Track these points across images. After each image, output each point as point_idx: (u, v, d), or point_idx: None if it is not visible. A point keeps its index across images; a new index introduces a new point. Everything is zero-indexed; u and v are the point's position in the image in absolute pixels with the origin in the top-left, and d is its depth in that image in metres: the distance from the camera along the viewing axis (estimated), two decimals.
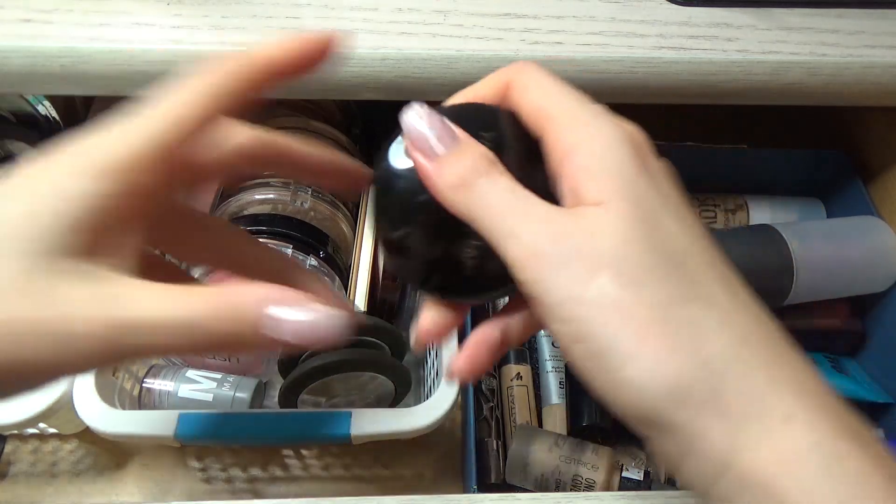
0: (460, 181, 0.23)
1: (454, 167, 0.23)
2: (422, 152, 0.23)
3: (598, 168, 0.22)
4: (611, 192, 0.22)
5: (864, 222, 0.58)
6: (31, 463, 0.55)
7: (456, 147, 0.23)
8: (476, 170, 0.23)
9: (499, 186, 0.23)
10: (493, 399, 0.56)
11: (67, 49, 0.40)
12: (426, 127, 0.23)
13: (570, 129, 0.23)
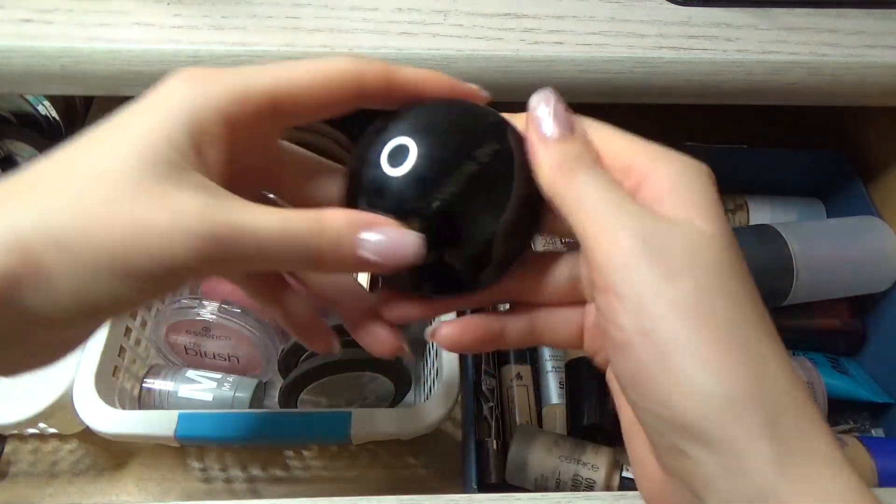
0: (564, 164, 0.24)
1: (563, 149, 0.24)
2: (538, 131, 0.25)
3: (686, 189, 0.23)
4: (701, 211, 0.23)
5: (864, 222, 0.58)
6: (31, 463, 0.55)
7: (570, 134, 0.25)
8: (582, 157, 0.24)
9: (599, 177, 0.24)
10: (493, 399, 0.56)
11: (67, 49, 0.40)
12: (551, 108, 0.25)
13: (645, 157, 0.24)
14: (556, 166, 0.24)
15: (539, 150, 0.25)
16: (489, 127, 0.26)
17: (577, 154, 0.24)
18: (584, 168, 0.24)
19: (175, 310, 0.51)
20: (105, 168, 0.21)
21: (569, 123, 0.25)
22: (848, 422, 0.58)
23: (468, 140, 0.25)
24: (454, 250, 0.25)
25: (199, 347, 0.53)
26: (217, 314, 0.50)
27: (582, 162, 0.24)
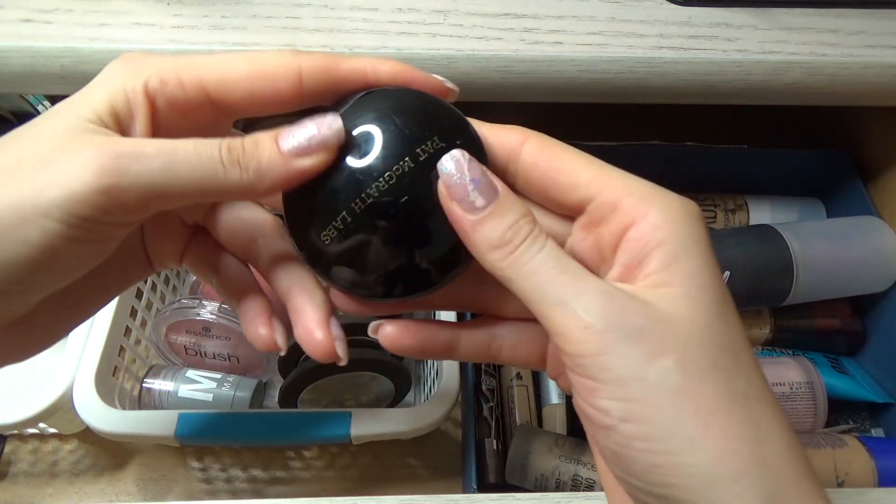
0: (502, 241, 0.22)
1: (496, 224, 0.22)
2: (459, 203, 0.22)
3: (675, 248, 0.21)
4: (683, 275, 0.21)
5: (864, 222, 0.58)
6: (31, 463, 0.55)
7: (497, 202, 0.22)
8: (520, 230, 0.22)
9: (546, 250, 0.22)
10: (493, 399, 0.56)
11: (67, 49, 0.40)
12: (466, 176, 0.22)
13: (635, 199, 0.22)
14: (494, 246, 0.22)
15: (468, 230, 0.22)
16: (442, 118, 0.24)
17: (513, 225, 0.22)
18: (527, 242, 0.22)
19: (175, 310, 0.51)
20: (38, 135, 0.22)
21: (492, 188, 0.22)
22: (848, 422, 0.58)
23: (418, 130, 0.23)
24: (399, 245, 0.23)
25: (199, 347, 0.53)
26: (217, 314, 0.50)
27: (523, 233, 0.22)
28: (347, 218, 0.23)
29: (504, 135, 0.24)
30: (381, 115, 0.23)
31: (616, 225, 0.22)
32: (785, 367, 0.53)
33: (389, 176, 0.23)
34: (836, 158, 0.64)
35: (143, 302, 0.52)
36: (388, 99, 0.24)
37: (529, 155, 0.24)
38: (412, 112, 0.24)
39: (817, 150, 0.65)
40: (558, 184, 0.24)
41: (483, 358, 0.28)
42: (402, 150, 0.23)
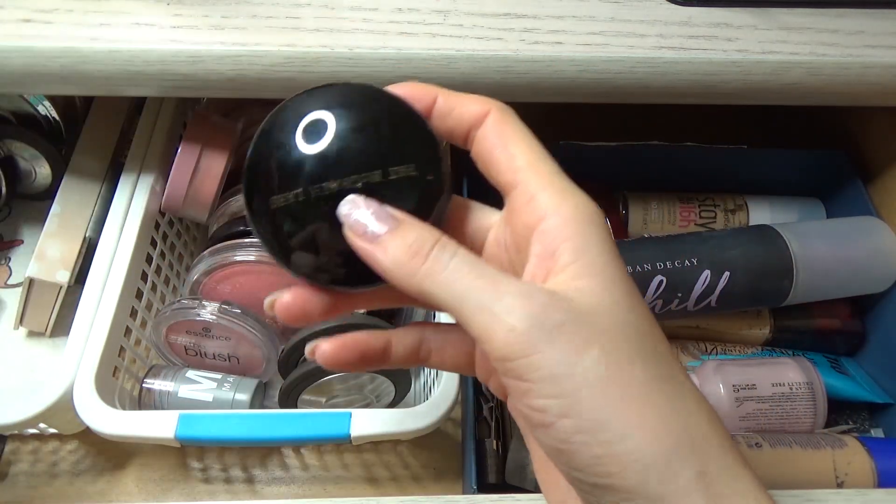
0: (410, 253, 0.22)
1: (399, 242, 0.23)
2: (363, 238, 0.23)
3: (582, 242, 0.22)
4: (594, 268, 0.22)
5: (864, 222, 0.58)
6: (31, 463, 0.55)
7: (396, 225, 0.23)
8: (424, 242, 0.23)
9: (458, 257, 0.22)
10: (493, 399, 0.56)
11: (67, 49, 0.40)
12: (362, 212, 0.23)
13: (550, 193, 0.23)
14: (399, 262, 0.22)
15: (377, 254, 0.23)
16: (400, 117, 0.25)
17: (417, 239, 0.23)
18: (436, 251, 0.22)
19: (175, 310, 0.51)
20: None
21: (390, 217, 0.23)
22: (848, 422, 0.58)
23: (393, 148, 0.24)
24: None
25: (199, 348, 0.53)
26: (217, 314, 0.50)
27: (429, 244, 0.23)
28: (301, 197, 0.24)
29: (469, 106, 0.26)
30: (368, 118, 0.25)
31: (530, 216, 0.23)
32: (785, 368, 0.53)
33: (356, 180, 0.24)
34: (836, 158, 0.64)
35: (143, 302, 0.52)
36: (377, 103, 0.25)
37: (485, 128, 0.25)
38: (398, 126, 0.25)
39: (817, 150, 0.64)
40: (496, 162, 0.25)
41: (414, 362, 0.28)
42: (377, 163, 0.24)
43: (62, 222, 0.57)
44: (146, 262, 0.53)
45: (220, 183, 0.53)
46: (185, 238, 0.62)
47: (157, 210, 0.55)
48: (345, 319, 0.50)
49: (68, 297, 0.57)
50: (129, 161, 0.55)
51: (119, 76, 0.42)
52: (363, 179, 0.24)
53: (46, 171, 0.62)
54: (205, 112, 0.55)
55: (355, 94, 0.25)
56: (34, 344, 0.59)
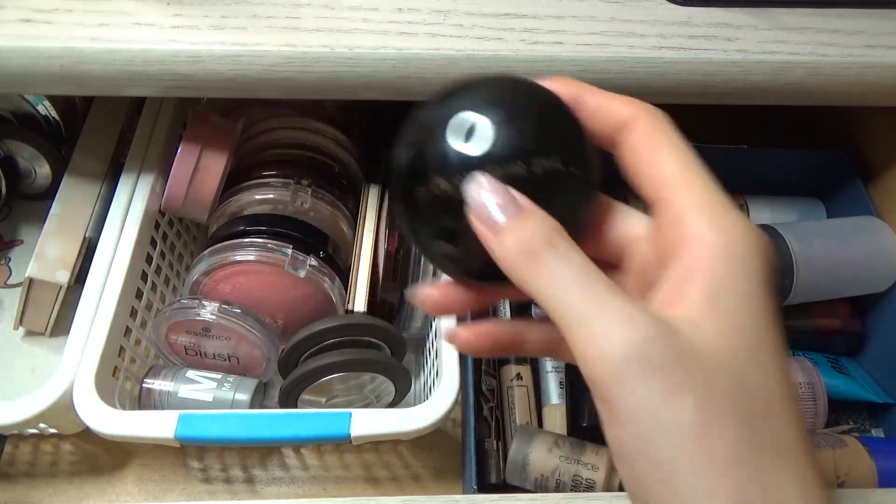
0: (522, 250, 0.21)
1: (516, 235, 0.22)
2: (483, 221, 0.22)
3: (721, 280, 0.20)
4: (722, 311, 0.20)
5: (864, 222, 0.58)
6: (30, 463, 0.54)
7: (519, 215, 0.22)
8: (541, 238, 0.21)
9: (569, 263, 0.21)
10: (493, 399, 0.56)
11: (67, 49, 0.40)
12: (488, 194, 0.22)
13: (699, 215, 0.21)
14: (511, 253, 0.22)
15: (493, 243, 0.22)
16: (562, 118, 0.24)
17: (533, 234, 0.21)
18: (546, 249, 0.21)
19: (175, 310, 0.51)
20: None
21: (513, 203, 0.22)
22: (848, 422, 0.58)
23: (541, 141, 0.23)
24: None
25: (199, 348, 0.53)
26: (217, 314, 0.50)
27: (542, 241, 0.21)
28: (441, 188, 0.23)
29: (617, 108, 0.24)
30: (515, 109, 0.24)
31: (674, 237, 0.21)
32: None
33: (498, 170, 0.23)
34: (836, 158, 0.64)
35: (143, 302, 0.52)
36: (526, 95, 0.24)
37: (633, 134, 0.23)
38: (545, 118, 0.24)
39: (817, 150, 0.64)
40: (642, 173, 0.23)
41: (547, 353, 0.27)
42: (519, 153, 0.23)
43: (62, 222, 0.57)
44: (146, 262, 0.53)
45: (220, 183, 0.53)
46: (185, 238, 0.62)
47: (157, 210, 0.55)
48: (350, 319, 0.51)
49: (68, 297, 0.57)
50: (129, 161, 0.55)
51: (119, 76, 0.42)
52: (504, 170, 0.23)
53: (46, 171, 0.62)
54: (205, 112, 0.55)
55: (506, 86, 0.25)
56: (34, 344, 0.59)
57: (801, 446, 0.20)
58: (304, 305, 0.54)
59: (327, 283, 0.52)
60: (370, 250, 0.53)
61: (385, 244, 0.52)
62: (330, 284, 0.52)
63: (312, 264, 0.51)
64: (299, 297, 0.53)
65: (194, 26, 0.42)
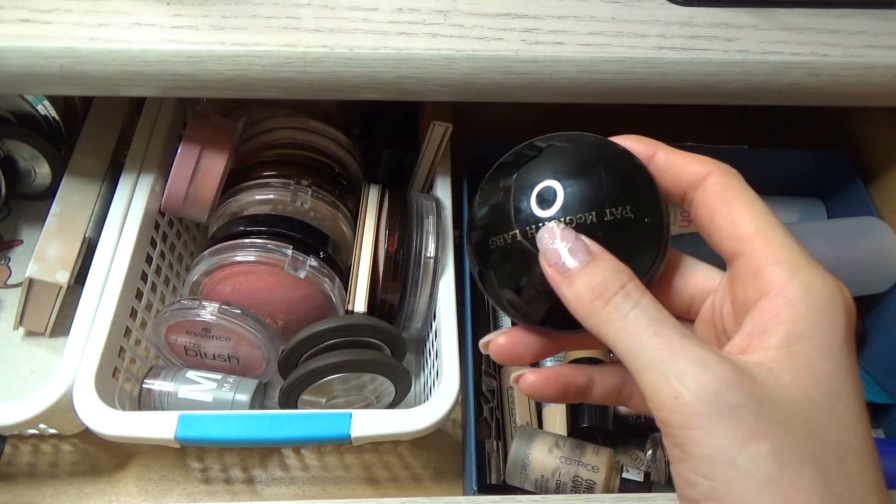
0: (593, 293, 0.22)
1: (586, 280, 0.22)
2: (553, 266, 0.23)
3: (801, 330, 0.20)
4: (800, 362, 0.20)
5: (864, 222, 0.58)
6: (30, 463, 0.54)
7: (589, 260, 0.22)
8: (612, 282, 0.22)
9: (641, 307, 0.21)
10: (493, 400, 0.56)
11: (67, 49, 0.40)
12: (559, 241, 0.23)
13: (781, 269, 0.21)
14: (582, 299, 0.22)
15: (563, 287, 0.23)
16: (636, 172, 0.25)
17: (604, 279, 0.22)
18: (619, 296, 0.22)
19: (175, 310, 0.51)
20: None
21: (584, 249, 0.23)
22: None
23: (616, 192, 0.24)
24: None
25: (199, 348, 0.53)
26: (217, 315, 0.50)
27: (613, 288, 0.22)
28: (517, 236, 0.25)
29: (689, 166, 0.24)
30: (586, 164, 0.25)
31: (753, 290, 0.22)
32: None
33: (570, 220, 0.24)
34: (836, 158, 0.64)
35: (143, 303, 0.52)
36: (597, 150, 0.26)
37: (706, 192, 0.24)
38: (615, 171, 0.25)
39: (817, 150, 0.64)
40: (717, 229, 0.23)
41: (615, 402, 0.27)
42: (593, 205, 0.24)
43: (62, 222, 0.57)
44: (146, 263, 0.53)
45: (220, 183, 0.53)
46: (185, 238, 0.62)
47: (157, 210, 0.55)
48: (350, 319, 0.50)
49: (68, 298, 0.57)
50: (129, 161, 0.55)
51: (119, 76, 0.42)
52: (577, 220, 0.24)
53: (46, 171, 0.62)
54: (205, 112, 0.55)
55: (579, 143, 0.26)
56: (34, 344, 0.59)
57: (876, 499, 0.20)
58: (304, 306, 0.54)
59: (327, 283, 0.52)
60: (370, 250, 0.52)
61: (385, 244, 0.52)
62: (330, 285, 0.52)
63: (312, 265, 0.51)
64: (299, 298, 0.53)
65: (194, 26, 0.42)
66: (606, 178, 0.24)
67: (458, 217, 0.56)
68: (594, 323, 0.22)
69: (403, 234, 0.52)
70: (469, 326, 0.53)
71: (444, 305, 0.50)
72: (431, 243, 0.52)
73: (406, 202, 0.54)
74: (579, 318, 0.23)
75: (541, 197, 0.24)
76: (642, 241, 0.24)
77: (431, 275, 0.52)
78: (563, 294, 0.23)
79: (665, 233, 0.25)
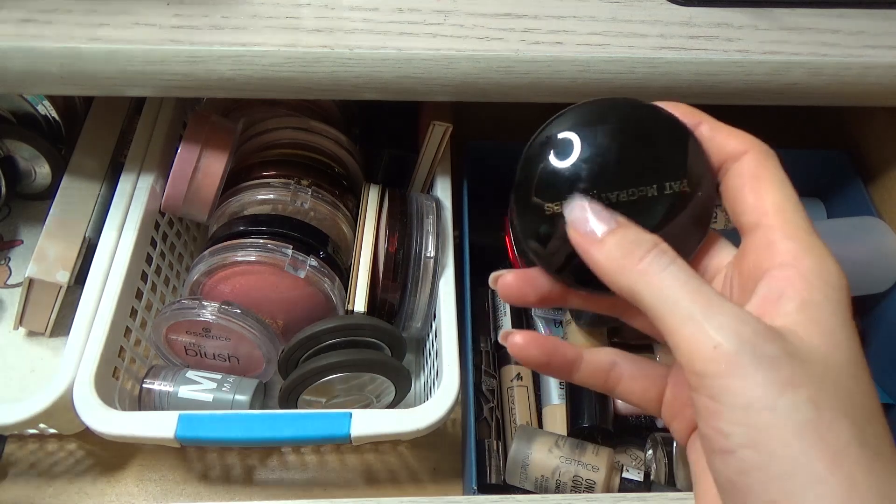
0: (626, 253, 0.22)
1: (616, 242, 0.23)
2: (583, 236, 0.23)
3: (815, 298, 0.21)
4: (820, 327, 0.21)
5: (865, 222, 0.58)
6: (31, 463, 0.54)
7: (617, 227, 0.23)
8: (641, 244, 0.22)
9: (676, 266, 0.22)
10: (493, 399, 0.56)
11: (67, 49, 0.40)
12: (587, 210, 0.24)
13: (795, 244, 0.22)
14: (618, 257, 0.22)
15: (592, 250, 0.23)
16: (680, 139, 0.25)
17: (635, 239, 0.23)
18: (651, 254, 0.22)
19: (175, 310, 0.51)
20: None
21: (612, 218, 0.24)
22: None
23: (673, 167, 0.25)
24: None
25: (199, 348, 0.53)
26: (217, 315, 0.50)
27: (647, 246, 0.22)
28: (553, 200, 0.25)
29: (730, 138, 0.25)
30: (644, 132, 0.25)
31: (766, 259, 0.22)
32: None
33: (632, 192, 0.24)
34: (836, 158, 0.64)
35: (143, 302, 0.52)
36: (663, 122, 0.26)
37: (741, 165, 0.24)
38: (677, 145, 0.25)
39: (817, 150, 0.64)
40: (742, 200, 0.24)
41: (600, 385, 0.28)
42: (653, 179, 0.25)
43: (62, 222, 0.57)
44: (146, 262, 0.53)
45: (220, 183, 0.53)
46: (185, 238, 0.62)
47: (157, 210, 0.55)
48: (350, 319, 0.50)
49: (68, 298, 0.57)
50: (129, 161, 0.55)
51: (119, 76, 0.42)
52: (622, 192, 0.24)
53: (46, 170, 0.62)
54: (205, 112, 0.55)
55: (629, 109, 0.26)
56: (34, 344, 0.59)
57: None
58: (304, 306, 0.54)
59: (327, 283, 0.52)
60: (370, 250, 0.53)
61: (385, 244, 0.52)
62: (330, 285, 0.52)
63: (312, 265, 0.51)
64: (299, 298, 0.53)
65: (194, 26, 0.42)
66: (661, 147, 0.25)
67: (458, 217, 0.57)
68: (627, 279, 0.22)
69: (403, 234, 0.52)
70: (469, 326, 0.53)
71: (444, 305, 0.50)
72: (431, 243, 0.52)
73: (406, 202, 0.54)
74: (609, 277, 0.23)
75: (577, 163, 0.25)
76: (688, 215, 0.25)
77: (431, 275, 0.52)
78: (593, 257, 0.23)
79: (712, 210, 0.25)
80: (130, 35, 0.41)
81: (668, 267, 0.22)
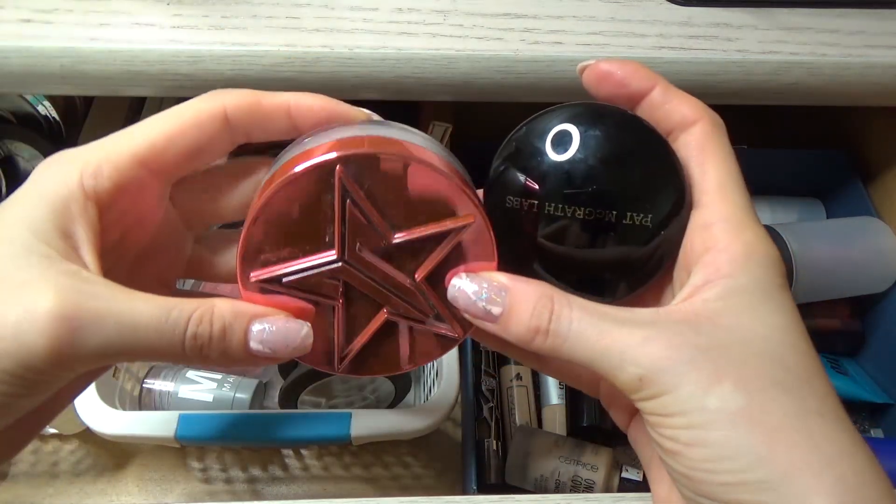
0: (531, 335, 0.23)
1: (518, 321, 0.23)
2: (483, 319, 0.23)
3: (740, 281, 0.22)
4: (742, 307, 0.22)
5: (864, 222, 0.58)
6: (31, 463, 0.55)
7: (509, 302, 0.23)
8: (542, 314, 0.23)
9: (576, 321, 0.22)
10: (493, 399, 0.56)
11: (67, 49, 0.40)
12: (472, 293, 0.23)
13: (727, 226, 0.23)
14: (529, 341, 0.23)
15: (496, 331, 0.23)
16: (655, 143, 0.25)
17: (533, 313, 0.23)
18: (553, 322, 0.22)
19: None
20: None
21: (497, 291, 0.23)
22: None
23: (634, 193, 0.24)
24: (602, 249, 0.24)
25: None
26: None
27: (545, 317, 0.22)
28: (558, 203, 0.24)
29: (682, 106, 0.25)
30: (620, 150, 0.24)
31: (700, 243, 0.23)
32: None
33: (590, 212, 0.24)
34: (836, 158, 0.64)
35: None
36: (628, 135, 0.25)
37: (689, 135, 0.24)
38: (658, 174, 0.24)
39: (817, 150, 0.64)
40: (688, 175, 0.24)
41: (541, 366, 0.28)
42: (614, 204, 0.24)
43: None
44: None
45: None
46: None
47: None
48: None
49: None
50: None
51: (119, 76, 0.42)
52: (595, 215, 0.24)
53: None
54: None
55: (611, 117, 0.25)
56: None
57: (845, 416, 0.21)
58: None
59: None
60: None
61: None
62: None
63: None
64: None
65: (194, 26, 0.42)
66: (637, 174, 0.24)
67: None
68: (546, 352, 0.23)
69: None
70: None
71: None
72: None
73: None
74: (534, 351, 0.23)
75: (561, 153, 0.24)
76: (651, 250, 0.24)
77: None
78: (508, 338, 0.23)
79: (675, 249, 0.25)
80: (131, 35, 0.41)
81: (570, 327, 0.22)
